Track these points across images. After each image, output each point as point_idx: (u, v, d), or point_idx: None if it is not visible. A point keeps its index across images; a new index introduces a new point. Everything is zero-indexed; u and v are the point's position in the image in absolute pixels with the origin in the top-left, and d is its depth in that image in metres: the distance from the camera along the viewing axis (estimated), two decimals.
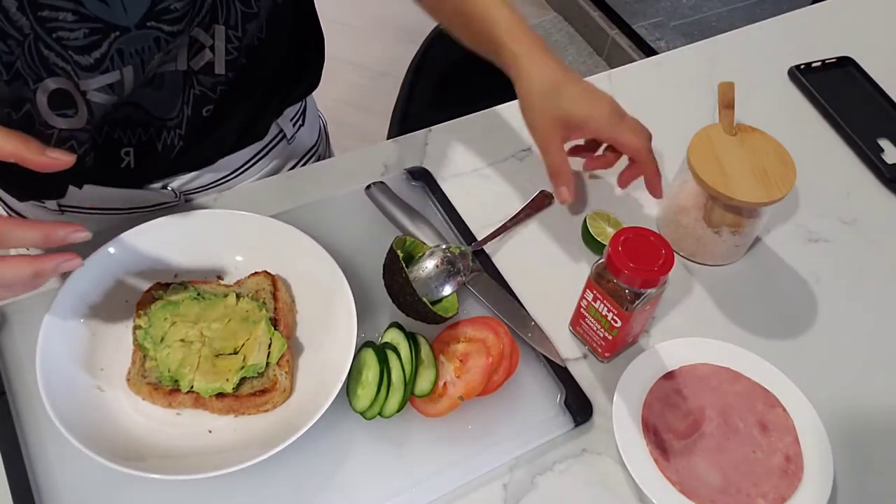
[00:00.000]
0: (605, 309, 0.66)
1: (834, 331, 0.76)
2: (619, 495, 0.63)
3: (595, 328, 0.68)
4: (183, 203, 0.81)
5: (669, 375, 0.68)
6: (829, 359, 0.74)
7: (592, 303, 0.67)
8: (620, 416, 0.65)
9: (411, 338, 0.65)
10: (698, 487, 0.61)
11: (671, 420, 0.65)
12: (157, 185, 0.79)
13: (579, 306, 0.69)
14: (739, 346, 0.71)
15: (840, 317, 0.77)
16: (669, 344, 0.70)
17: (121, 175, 0.75)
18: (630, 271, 0.62)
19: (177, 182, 0.80)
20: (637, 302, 0.63)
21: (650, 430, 0.64)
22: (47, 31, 0.57)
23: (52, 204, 0.78)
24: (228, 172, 0.83)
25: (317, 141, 0.94)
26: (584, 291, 0.68)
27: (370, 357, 0.64)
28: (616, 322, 0.65)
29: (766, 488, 0.62)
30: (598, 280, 0.65)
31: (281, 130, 0.86)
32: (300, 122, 0.89)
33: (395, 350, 0.64)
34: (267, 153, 0.86)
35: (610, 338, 0.67)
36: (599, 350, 0.70)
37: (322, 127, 0.98)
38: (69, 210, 0.79)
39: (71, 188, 0.74)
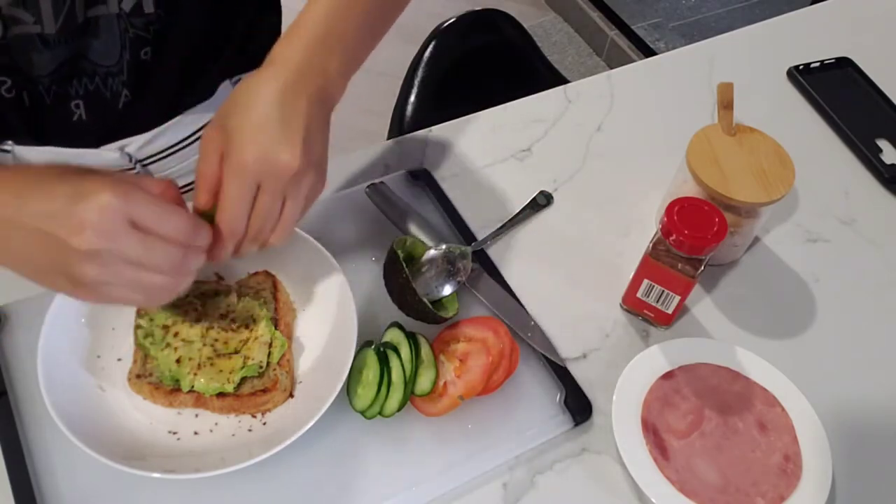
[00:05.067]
0: (667, 281, 0.68)
1: (832, 330, 0.76)
2: (619, 495, 0.64)
3: (657, 300, 0.71)
4: (140, 171, 0.81)
5: (668, 375, 0.68)
6: (827, 358, 0.74)
7: (652, 278, 0.69)
8: (620, 416, 0.65)
9: (411, 337, 0.65)
10: (697, 487, 0.62)
11: (670, 420, 0.65)
12: (113, 146, 0.78)
13: (636, 283, 0.71)
14: (738, 345, 0.71)
15: (839, 316, 0.77)
16: (668, 344, 0.70)
17: (75, 130, 0.75)
18: (686, 239, 0.65)
19: (132, 146, 0.79)
20: (701, 268, 0.66)
21: (650, 429, 0.65)
22: None
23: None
24: (183, 137, 0.82)
25: None
26: (642, 268, 0.70)
27: (370, 357, 0.64)
28: (678, 291, 0.69)
29: (765, 487, 0.62)
30: (656, 255, 0.68)
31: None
32: None
33: (396, 350, 0.64)
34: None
35: (672, 308, 0.71)
36: (661, 320, 0.73)
37: None
38: None
39: (26, 148, 0.74)
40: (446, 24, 1.18)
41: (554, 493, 0.63)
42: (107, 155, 0.78)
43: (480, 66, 1.20)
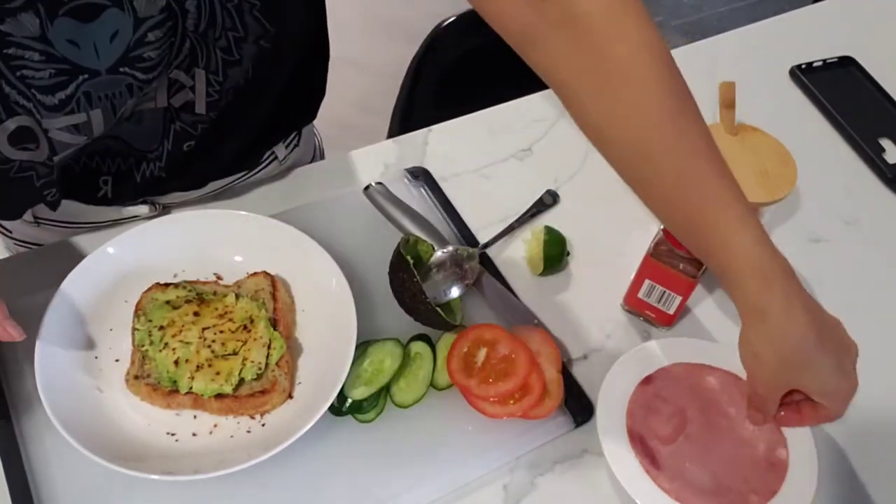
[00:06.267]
0: (669, 281, 0.68)
1: None
2: (620, 496, 0.63)
3: (658, 301, 0.70)
4: (161, 212, 0.80)
5: (647, 380, 0.67)
6: None
7: (654, 279, 0.69)
8: (606, 428, 0.63)
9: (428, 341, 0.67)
10: (692, 494, 0.61)
11: (655, 426, 0.64)
12: (137, 201, 0.78)
13: (637, 284, 0.71)
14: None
15: (841, 316, 0.77)
16: (641, 348, 0.68)
17: (97, 202, 0.75)
18: None
19: (158, 199, 0.79)
20: (703, 268, 0.66)
21: (636, 439, 0.63)
22: (11, 68, 0.56)
23: (28, 215, 0.77)
24: (212, 191, 0.82)
25: (311, 160, 0.93)
26: (643, 268, 0.69)
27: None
28: (679, 291, 0.68)
29: (756, 483, 0.61)
30: (657, 255, 0.68)
31: (272, 153, 0.84)
32: (295, 143, 0.88)
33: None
34: (255, 175, 0.84)
35: (674, 308, 0.70)
36: (662, 320, 0.73)
37: (317, 144, 0.96)
38: (45, 223, 0.78)
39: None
40: (446, 23, 1.18)
41: (554, 494, 0.63)
42: (133, 210, 0.77)
43: (480, 66, 1.19)
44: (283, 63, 0.72)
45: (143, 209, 0.77)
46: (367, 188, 0.79)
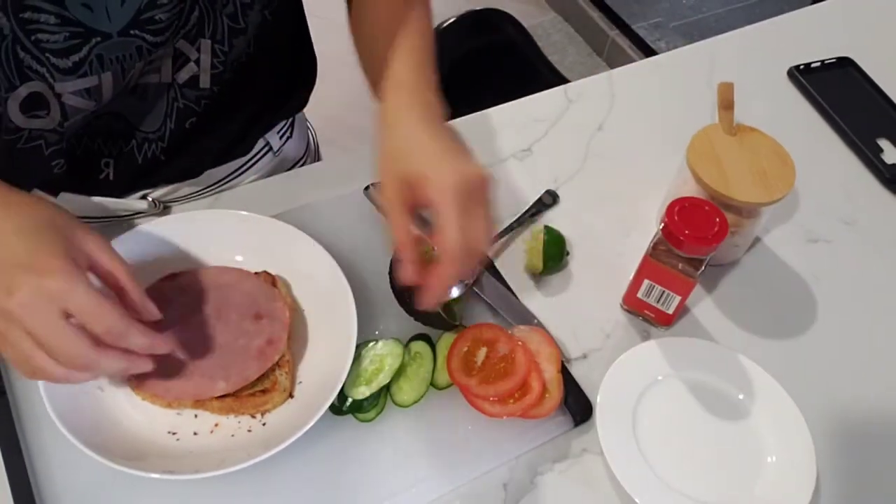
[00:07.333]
0: (668, 281, 0.68)
1: (833, 331, 0.76)
2: (620, 496, 0.63)
3: (657, 300, 0.71)
4: (162, 212, 0.80)
5: (172, 276, 0.65)
6: (828, 359, 0.74)
7: (653, 279, 0.69)
8: (606, 427, 0.64)
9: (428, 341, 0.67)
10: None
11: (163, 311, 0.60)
12: (136, 195, 0.79)
13: (637, 284, 0.71)
14: (739, 345, 0.71)
15: (839, 317, 0.77)
16: (641, 348, 0.69)
17: (99, 185, 0.75)
18: (688, 239, 0.65)
19: (156, 192, 0.79)
20: (702, 268, 0.66)
21: None
22: (27, 32, 0.57)
23: None
24: (210, 184, 0.83)
25: (304, 153, 0.94)
26: (642, 268, 0.70)
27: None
28: (679, 291, 0.69)
29: (232, 371, 0.61)
30: (656, 255, 0.68)
31: (267, 143, 0.85)
32: (288, 134, 0.89)
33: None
34: (251, 166, 0.85)
35: (673, 308, 0.71)
36: (662, 320, 0.73)
37: (311, 139, 0.97)
38: None
39: (45, 195, 0.74)
40: (446, 23, 1.18)
41: (554, 494, 0.63)
42: (132, 204, 0.78)
43: (480, 66, 1.20)
44: (281, 39, 0.73)
45: (142, 204, 0.78)
46: (367, 188, 0.79)
